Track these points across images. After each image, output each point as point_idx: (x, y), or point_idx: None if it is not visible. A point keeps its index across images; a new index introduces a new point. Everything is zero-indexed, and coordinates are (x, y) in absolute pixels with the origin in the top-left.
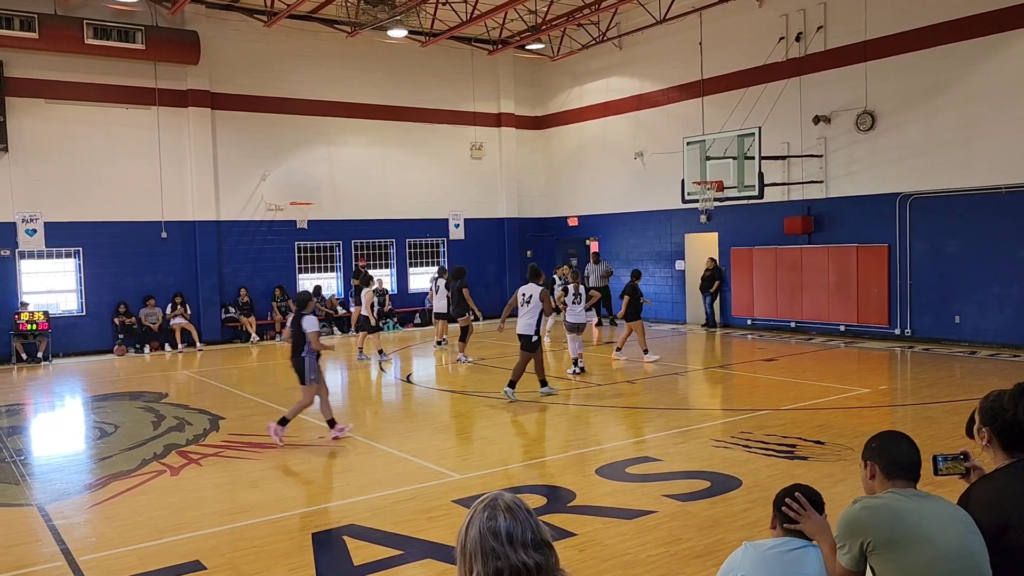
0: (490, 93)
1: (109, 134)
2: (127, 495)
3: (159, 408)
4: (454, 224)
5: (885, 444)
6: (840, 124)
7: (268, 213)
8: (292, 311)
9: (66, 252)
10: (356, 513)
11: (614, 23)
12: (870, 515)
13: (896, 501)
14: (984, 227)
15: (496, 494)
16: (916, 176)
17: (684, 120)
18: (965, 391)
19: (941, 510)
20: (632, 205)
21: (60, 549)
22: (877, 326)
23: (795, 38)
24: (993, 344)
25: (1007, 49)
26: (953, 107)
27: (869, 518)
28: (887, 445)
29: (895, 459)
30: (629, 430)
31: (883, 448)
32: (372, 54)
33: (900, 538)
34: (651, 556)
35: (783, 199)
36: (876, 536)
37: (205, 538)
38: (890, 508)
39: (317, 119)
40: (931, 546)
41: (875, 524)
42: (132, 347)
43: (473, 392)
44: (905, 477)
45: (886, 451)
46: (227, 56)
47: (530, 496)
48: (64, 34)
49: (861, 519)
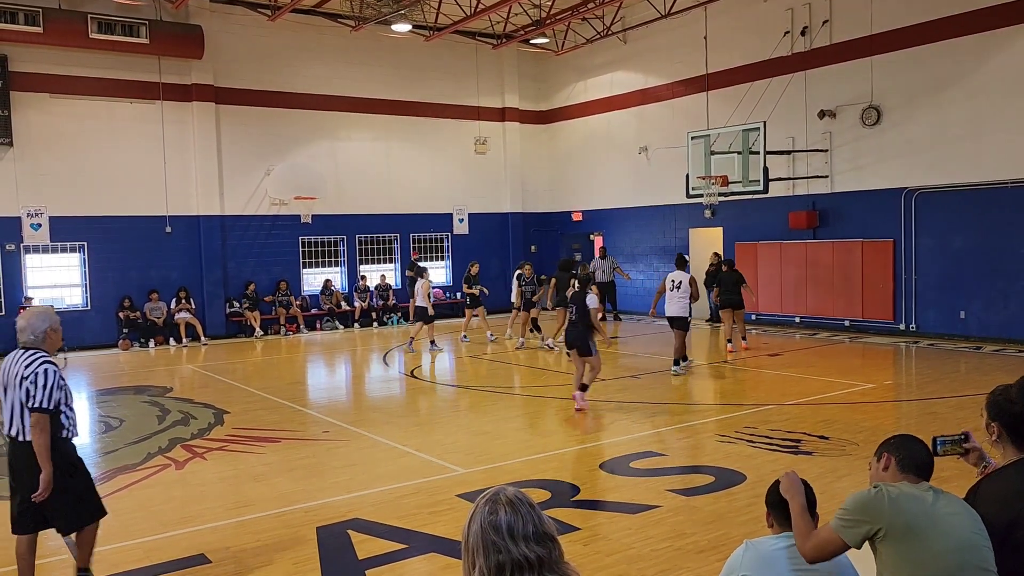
0: (494, 87)
1: (113, 129)
2: (132, 489)
3: (164, 402)
4: (458, 219)
5: (905, 440)
6: (845, 119)
7: (272, 208)
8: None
9: (71, 246)
10: (360, 507)
11: (619, 17)
12: (890, 503)
13: (915, 491)
14: (990, 222)
15: (499, 488)
16: (922, 171)
17: (689, 115)
18: (970, 387)
19: (953, 505)
20: (636, 200)
21: (65, 542)
22: (882, 321)
23: (800, 32)
24: (999, 340)
25: (1014, 44)
26: (959, 102)
27: (890, 505)
28: (907, 442)
29: (913, 454)
30: (633, 425)
31: (902, 443)
32: (376, 48)
33: (916, 527)
34: (655, 551)
35: (788, 194)
36: (894, 522)
37: (210, 532)
38: (911, 496)
39: (321, 114)
40: (943, 538)
41: (895, 511)
42: (137, 341)
43: (477, 387)
44: (918, 473)
45: (905, 446)
46: (231, 50)
47: (534, 490)
48: (68, 28)
49: (880, 505)
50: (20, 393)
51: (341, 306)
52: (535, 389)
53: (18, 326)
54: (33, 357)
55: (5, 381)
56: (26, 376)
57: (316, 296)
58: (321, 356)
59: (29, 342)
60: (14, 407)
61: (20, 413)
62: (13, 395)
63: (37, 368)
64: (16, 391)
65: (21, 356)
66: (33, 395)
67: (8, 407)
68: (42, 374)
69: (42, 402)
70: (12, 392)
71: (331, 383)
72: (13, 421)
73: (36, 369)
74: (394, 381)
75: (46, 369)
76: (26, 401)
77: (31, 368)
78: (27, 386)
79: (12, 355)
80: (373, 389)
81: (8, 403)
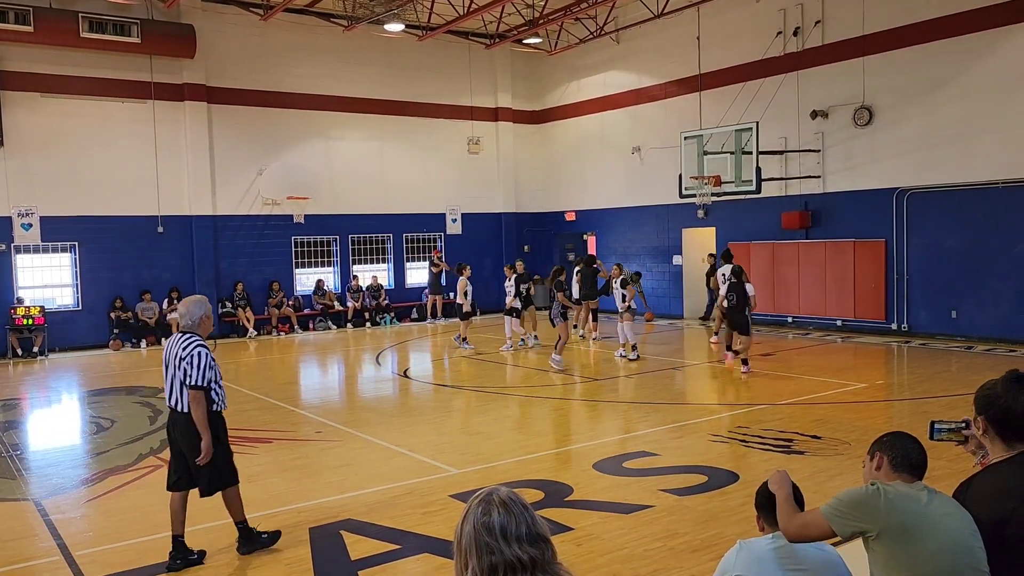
0: (487, 87)
1: (105, 128)
2: (124, 490)
3: (156, 403)
4: (451, 219)
5: (897, 439)
6: (838, 119)
7: (265, 207)
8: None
9: (62, 246)
10: (353, 507)
11: (612, 17)
12: (887, 503)
13: (909, 490)
14: (981, 222)
15: (492, 489)
16: (913, 171)
17: (682, 115)
18: (962, 386)
19: (947, 506)
20: (629, 200)
21: (57, 544)
22: (874, 321)
23: (793, 33)
24: (990, 339)
25: (1005, 44)
26: (951, 102)
27: (886, 506)
28: (899, 440)
29: (906, 454)
30: (626, 424)
31: (895, 442)
32: (369, 48)
33: (911, 528)
34: (648, 550)
35: (780, 194)
36: (890, 522)
37: (202, 533)
38: (907, 496)
39: (314, 113)
40: (937, 538)
41: (891, 511)
42: (128, 342)
43: (470, 387)
44: (911, 472)
45: (897, 445)
46: (223, 50)
47: (527, 491)
48: (59, 27)
49: (877, 505)
50: (179, 372)
51: (334, 306)
52: (528, 389)
53: (179, 312)
54: (189, 340)
55: (166, 360)
56: (184, 357)
57: (309, 296)
58: (314, 356)
59: (187, 327)
60: (173, 382)
61: (179, 388)
62: (173, 372)
63: (192, 351)
64: (176, 369)
65: (180, 339)
66: (190, 374)
67: (168, 382)
68: (196, 356)
69: (197, 380)
70: (172, 370)
71: (324, 383)
72: (172, 394)
73: (192, 352)
74: (387, 381)
75: (200, 352)
76: (184, 379)
77: (188, 350)
78: (184, 366)
79: (173, 337)
80: (366, 389)
81: (168, 379)
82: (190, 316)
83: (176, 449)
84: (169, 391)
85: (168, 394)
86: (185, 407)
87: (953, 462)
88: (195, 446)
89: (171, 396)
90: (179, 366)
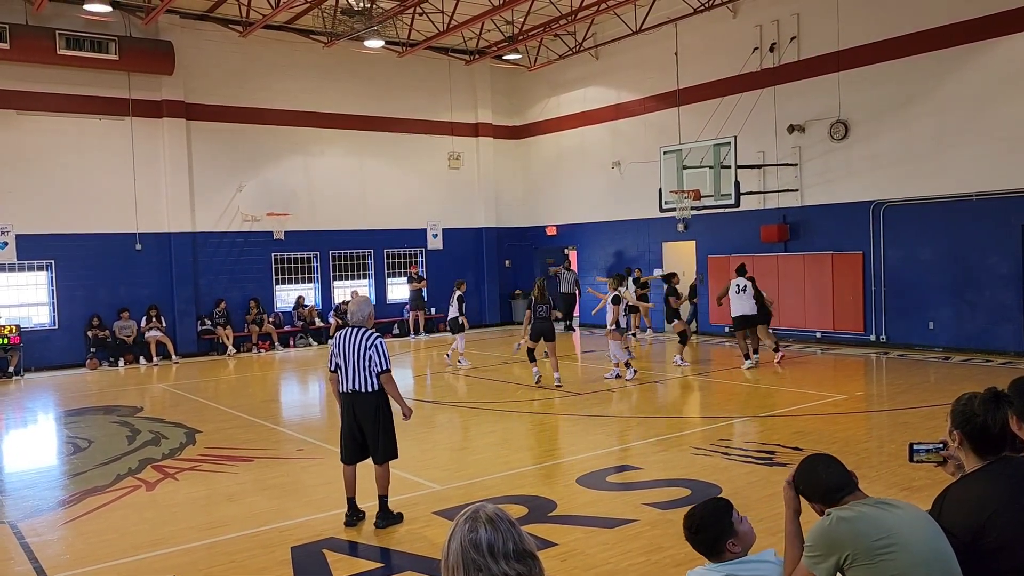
0: (467, 103)
1: (82, 145)
2: (102, 511)
3: (134, 422)
4: (432, 234)
5: (805, 475)
6: (814, 133)
7: (244, 224)
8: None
9: (38, 264)
10: (336, 526)
11: (590, 33)
12: (849, 528)
13: (869, 510)
14: (956, 234)
15: (478, 506)
16: (889, 184)
17: (661, 129)
18: (940, 396)
19: (910, 516)
20: (610, 214)
21: (33, 567)
22: (852, 332)
23: (769, 48)
24: (966, 349)
25: (977, 59)
26: (925, 116)
27: (848, 531)
28: (806, 476)
29: (820, 487)
30: (609, 439)
31: (806, 479)
32: (349, 64)
33: (879, 547)
34: (632, 565)
35: (759, 207)
36: (856, 547)
37: (182, 553)
38: (867, 517)
39: (294, 129)
40: (907, 552)
41: (855, 535)
42: (106, 360)
43: (453, 403)
44: (843, 496)
45: (810, 482)
46: (202, 66)
47: (511, 506)
48: (36, 44)
49: (840, 533)
50: (364, 359)
51: (315, 322)
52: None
53: (349, 310)
54: (369, 333)
55: (344, 349)
56: (368, 347)
57: (290, 313)
58: (295, 373)
59: (358, 322)
60: (357, 369)
61: (365, 374)
62: (355, 360)
63: (375, 341)
64: (360, 358)
65: (358, 332)
66: (378, 362)
67: (351, 369)
68: (379, 345)
69: (386, 365)
70: (353, 358)
71: (305, 400)
72: (356, 378)
73: (375, 342)
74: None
75: (381, 342)
76: (371, 366)
77: (371, 341)
78: (370, 354)
79: (347, 331)
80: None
81: (351, 366)
82: (360, 313)
83: (355, 428)
84: (352, 376)
85: (350, 379)
86: (371, 387)
87: (932, 472)
88: (376, 419)
89: (355, 380)
90: (364, 355)
